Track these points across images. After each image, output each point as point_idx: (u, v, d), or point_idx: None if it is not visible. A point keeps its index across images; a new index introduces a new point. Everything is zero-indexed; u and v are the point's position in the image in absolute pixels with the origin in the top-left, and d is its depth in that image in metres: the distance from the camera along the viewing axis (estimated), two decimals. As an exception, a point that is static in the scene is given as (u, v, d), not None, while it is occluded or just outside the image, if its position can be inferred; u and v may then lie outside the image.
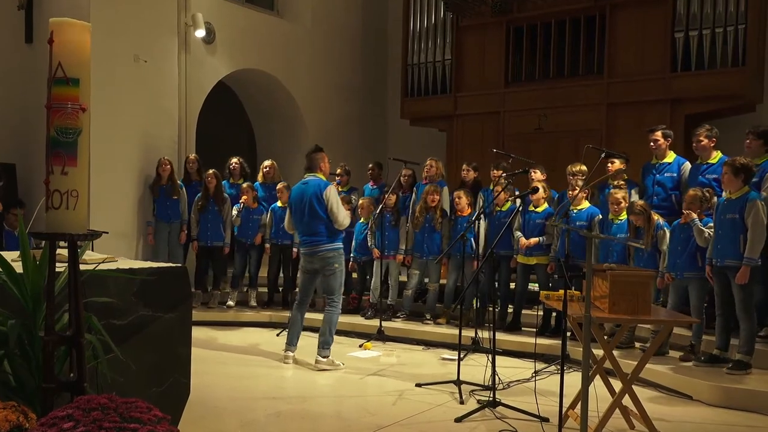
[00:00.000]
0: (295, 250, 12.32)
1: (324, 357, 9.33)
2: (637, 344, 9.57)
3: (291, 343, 9.62)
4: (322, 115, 16.64)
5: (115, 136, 12.07)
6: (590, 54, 14.01)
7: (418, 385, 8.35)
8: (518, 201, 10.71)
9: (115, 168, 12.15)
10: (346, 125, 17.27)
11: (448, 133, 15.98)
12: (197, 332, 9.30)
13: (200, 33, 13.75)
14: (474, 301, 11.03)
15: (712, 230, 8.47)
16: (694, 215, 8.58)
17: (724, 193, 8.48)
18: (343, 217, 9.28)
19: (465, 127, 15.58)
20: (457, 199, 11.32)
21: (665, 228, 9.15)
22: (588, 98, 13.86)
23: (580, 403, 5.65)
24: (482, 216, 10.72)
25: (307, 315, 9.79)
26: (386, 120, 18.56)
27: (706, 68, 12.53)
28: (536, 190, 9.61)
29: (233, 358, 9.89)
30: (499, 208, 10.83)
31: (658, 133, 10.18)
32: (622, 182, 10.09)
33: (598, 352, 6.91)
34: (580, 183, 10.13)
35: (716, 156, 9.56)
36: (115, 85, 12.05)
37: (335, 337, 9.65)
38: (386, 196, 11.78)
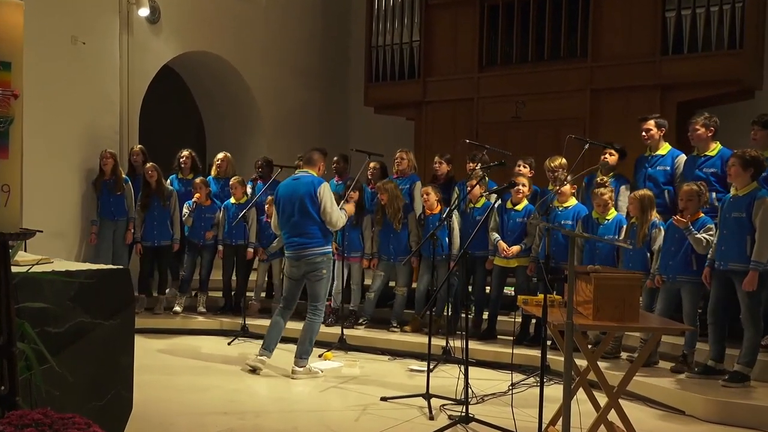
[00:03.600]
0: (250, 250, 12.40)
1: (301, 367, 9.45)
2: (624, 354, 9.64)
3: (267, 348, 9.67)
4: (277, 102, 16.61)
5: (50, 126, 11.95)
6: (573, 35, 14.04)
7: (384, 398, 8.37)
8: (493, 197, 10.76)
9: (50, 160, 12.02)
10: (304, 113, 17.24)
11: (417, 121, 15.99)
12: (141, 341, 9.29)
13: (144, 12, 13.66)
14: (446, 307, 11.06)
15: (710, 234, 8.47)
16: (688, 223, 8.52)
17: (731, 190, 8.48)
18: (337, 217, 9.39)
19: (435, 115, 15.60)
20: (425, 196, 11.31)
21: (661, 227, 9.10)
22: (570, 84, 13.91)
23: (561, 418, 5.68)
24: (454, 213, 10.70)
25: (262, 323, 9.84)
26: (348, 108, 18.59)
27: (700, 51, 12.54)
28: (514, 184, 9.62)
29: (181, 369, 9.86)
30: (473, 205, 10.85)
31: (651, 122, 10.16)
32: (606, 179, 10.07)
33: (582, 363, 6.96)
34: (562, 178, 10.19)
35: (715, 148, 9.52)
36: (50, 69, 11.91)
37: (289, 345, 9.71)
38: (347, 192, 11.71)
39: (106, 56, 13.11)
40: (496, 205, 10.06)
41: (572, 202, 10.21)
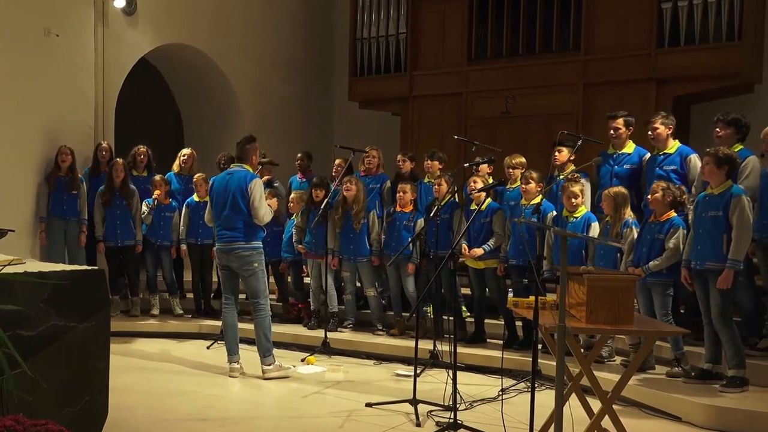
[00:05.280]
0: (214, 249, 12.35)
1: (269, 365, 9.53)
2: (618, 358, 9.65)
3: (232, 353, 9.77)
4: (258, 96, 16.57)
5: (22, 121, 11.91)
6: (565, 27, 13.97)
7: (369, 404, 8.35)
8: (457, 196, 10.88)
9: (22, 157, 12.00)
10: (286, 108, 17.21)
11: (403, 117, 15.93)
12: (116, 344, 9.27)
13: (120, 3, 13.64)
14: (429, 309, 11.06)
15: (674, 240, 8.58)
16: (639, 274, 8.63)
17: (693, 188, 8.57)
18: (264, 212, 9.54)
19: (422, 110, 15.55)
20: (401, 194, 11.35)
21: (633, 227, 9.18)
22: (562, 78, 13.86)
23: (553, 425, 5.69)
24: (430, 212, 10.72)
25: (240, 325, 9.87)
26: (332, 102, 18.57)
27: (697, 43, 12.50)
28: (504, 182, 9.62)
29: (157, 374, 9.86)
30: (440, 203, 10.84)
31: (620, 121, 10.29)
32: (577, 174, 10.09)
33: (574, 368, 6.96)
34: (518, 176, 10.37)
35: (674, 145, 9.72)
36: (21, 62, 11.86)
37: (275, 350, 9.73)
38: (312, 189, 11.84)
39: (80, 49, 13.06)
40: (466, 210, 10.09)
41: (537, 199, 10.21)
